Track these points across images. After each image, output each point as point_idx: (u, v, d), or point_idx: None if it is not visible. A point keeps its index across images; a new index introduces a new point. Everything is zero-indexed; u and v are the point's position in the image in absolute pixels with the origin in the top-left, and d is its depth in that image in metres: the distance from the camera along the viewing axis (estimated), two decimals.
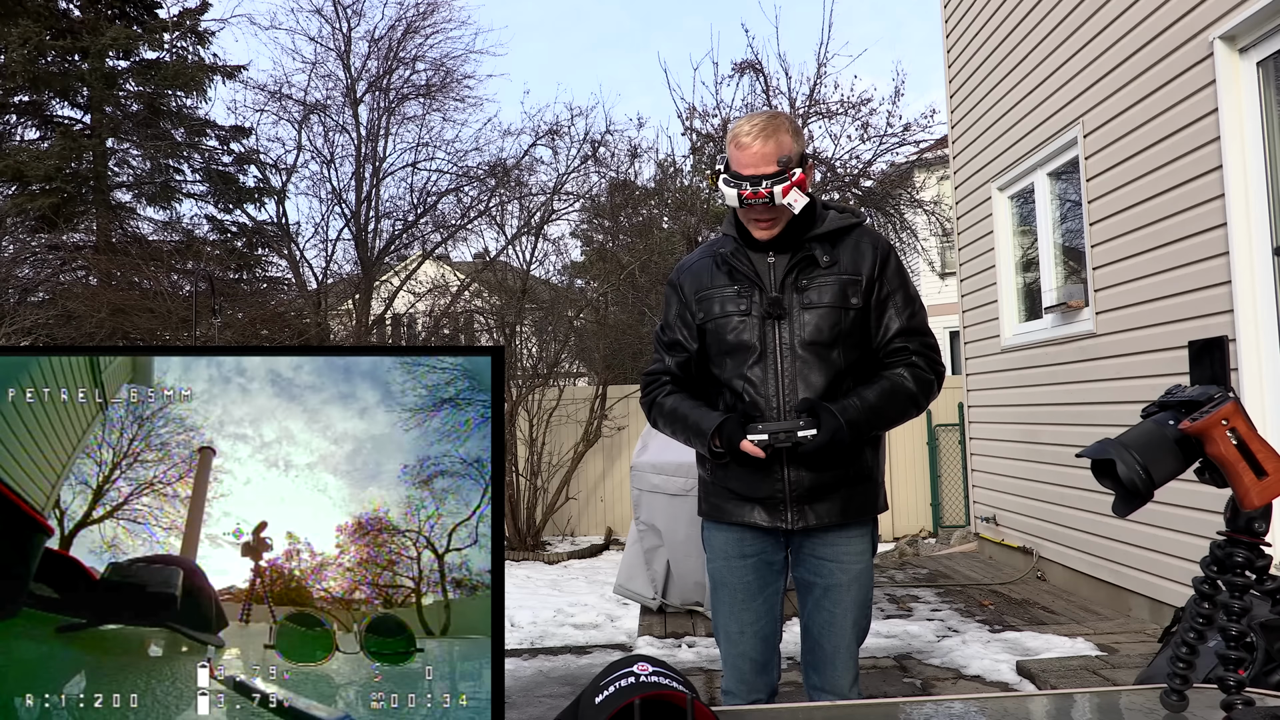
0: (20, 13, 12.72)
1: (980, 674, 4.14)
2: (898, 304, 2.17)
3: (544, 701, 4.06)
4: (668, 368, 2.27)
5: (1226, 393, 1.06)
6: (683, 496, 5.09)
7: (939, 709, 1.26)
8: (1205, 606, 1.09)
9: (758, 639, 2.19)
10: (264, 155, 13.10)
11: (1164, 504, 4.42)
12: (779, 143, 2.07)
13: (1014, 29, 6.43)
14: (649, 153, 13.99)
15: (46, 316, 10.00)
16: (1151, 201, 4.80)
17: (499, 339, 10.12)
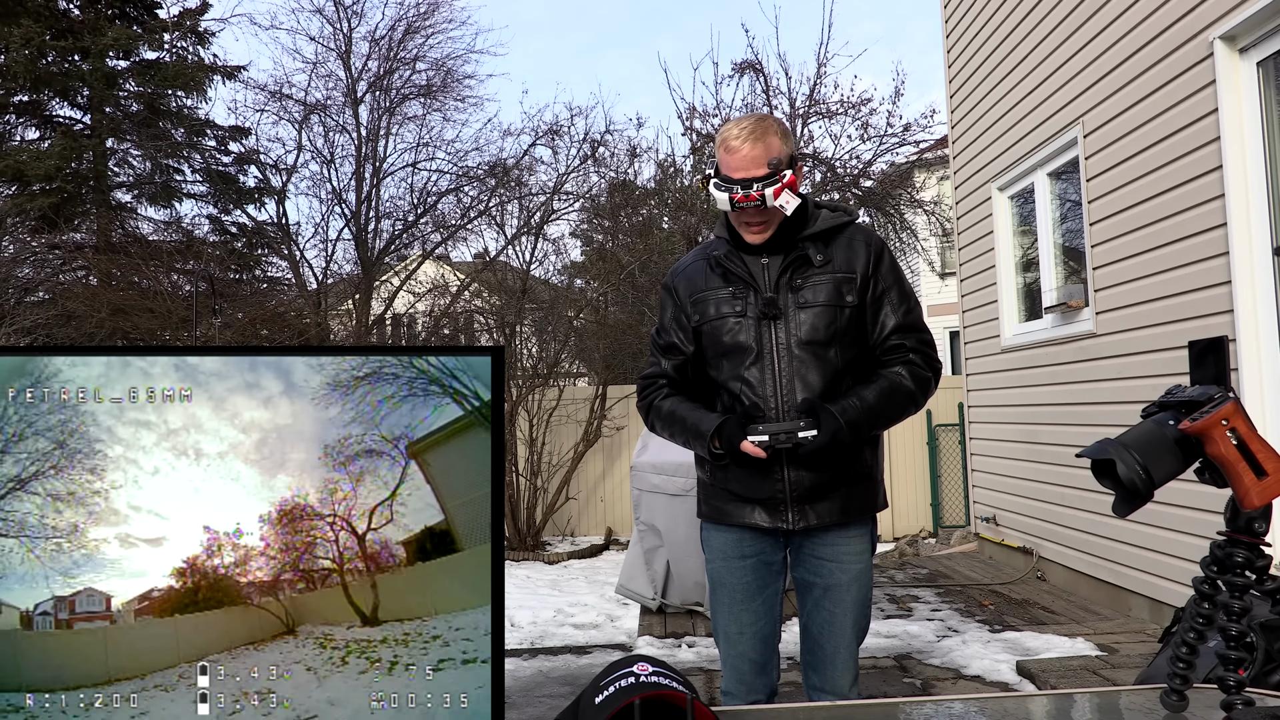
0: (21, 13, 12.71)
1: (980, 674, 4.14)
2: (893, 300, 2.16)
3: (544, 701, 4.06)
4: (664, 371, 2.27)
5: (1226, 393, 1.06)
6: (683, 496, 5.09)
7: (939, 709, 1.26)
8: (1205, 606, 1.09)
9: (757, 640, 2.19)
10: (264, 155, 13.12)
11: (1164, 504, 4.42)
12: (768, 145, 2.06)
13: (1014, 29, 6.43)
14: (649, 153, 14.01)
15: (46, 316, 9.99)
16: (1151, 201, 4.80)
17: (499, 339, 10.12)
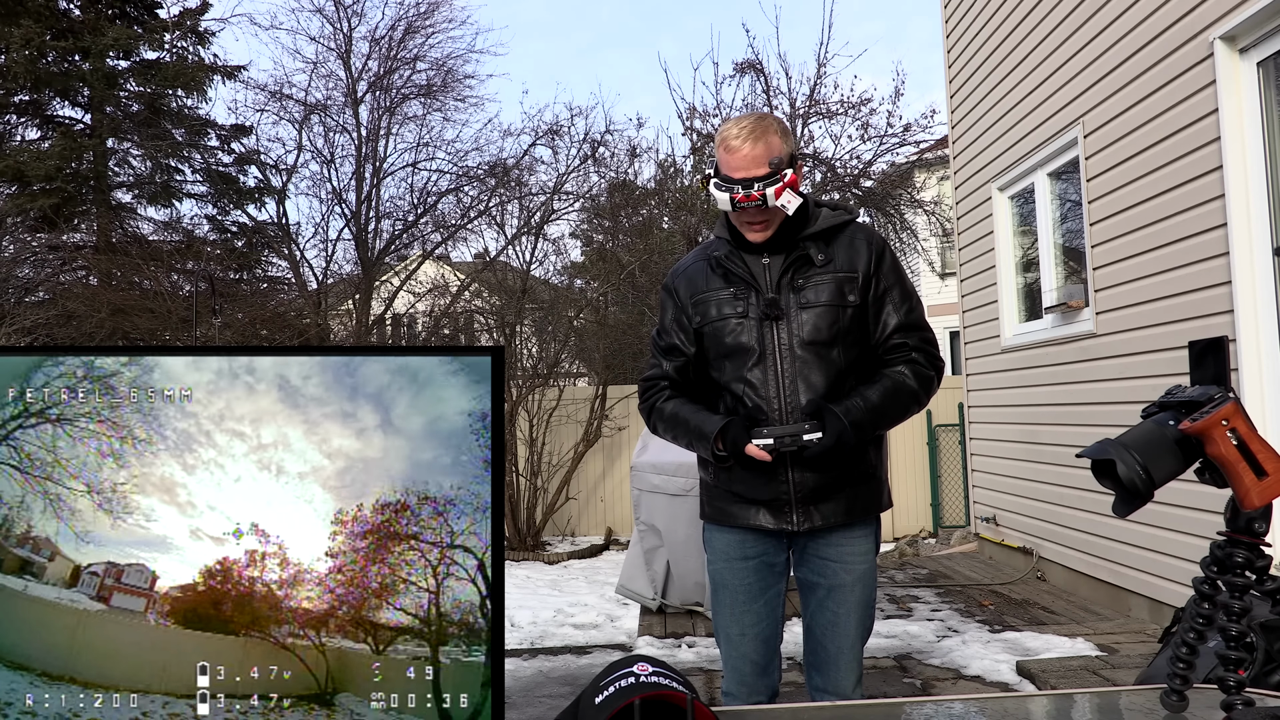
0: (21, 13, 12.71)
1: (980, 674, 4.14)
2: (895, 299, 2.15)
3: (544, 701, 4.06)
4: (665, 373, 2.25)
5: (1227, 393, 1.06)
6: (683, 496, 5.09)
7: (939, 709, 1.26)
8: (1205, 607, 1.09)
9: (758, 641, 2.18)
10: (264, 155, 13.12)
11: (1164, 504, 4.42)
12: (768, 144, 2.05)
13: (1014, 29, 6.43)
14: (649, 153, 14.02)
15: (46, 316, 10.00)
16: (1152, 202, 4.80)
17: (499, 339, 10.12)
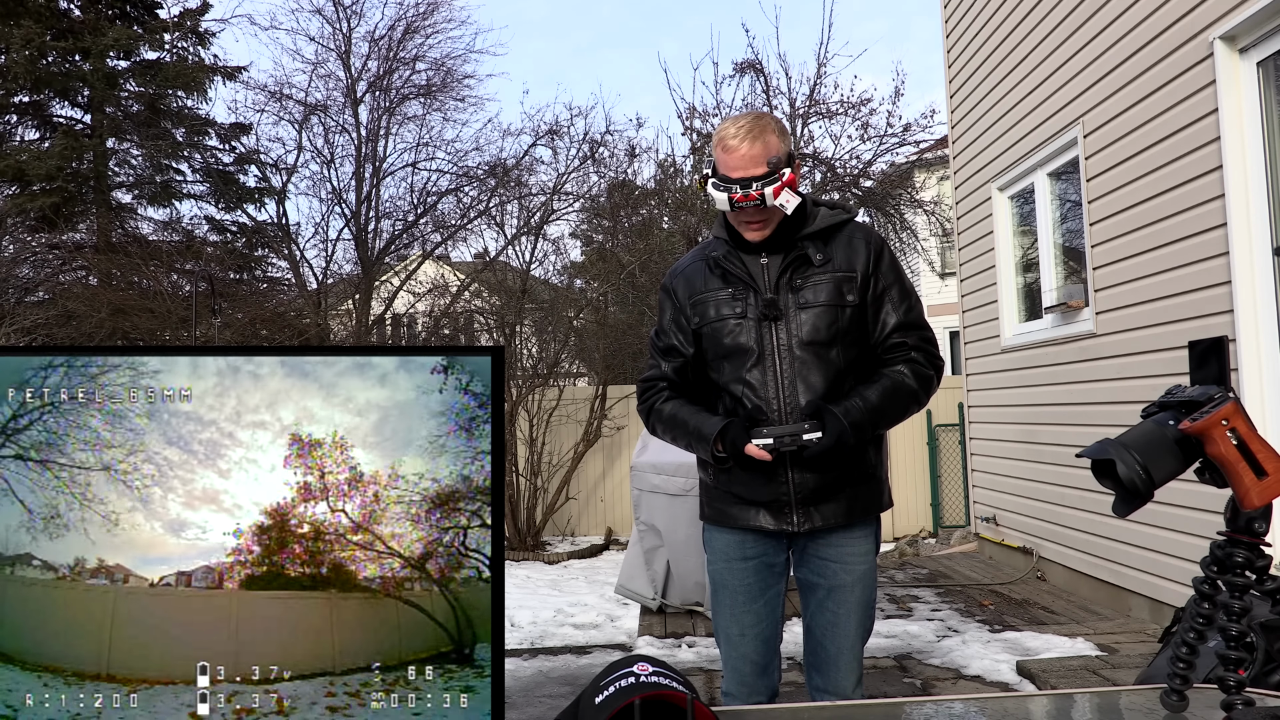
0: (22, 13, 12.71)
1: (980, 674, 4.14)
2: (894, 299, 2.15)
3: (544, 701, 4.06)
4: (664, 373, 2.24)
5: (1226, 393, 1.06)
6: (683, 496, 5.09)
7: (939, 709, 1.26)
8: (1205, 606, 1.09)
9: (758, 641, 2.18)
10: (264, 155, 13.12)
11: (1164, 504, 4.42)
12: (766, 144, 2.04)
13: (1014, 29, 6.43)
14: (649, 153, 14.02)
15: (46, 316, 10.00)
16: (1152, 202, 4.80)
17: (499, 339, 10.12)
